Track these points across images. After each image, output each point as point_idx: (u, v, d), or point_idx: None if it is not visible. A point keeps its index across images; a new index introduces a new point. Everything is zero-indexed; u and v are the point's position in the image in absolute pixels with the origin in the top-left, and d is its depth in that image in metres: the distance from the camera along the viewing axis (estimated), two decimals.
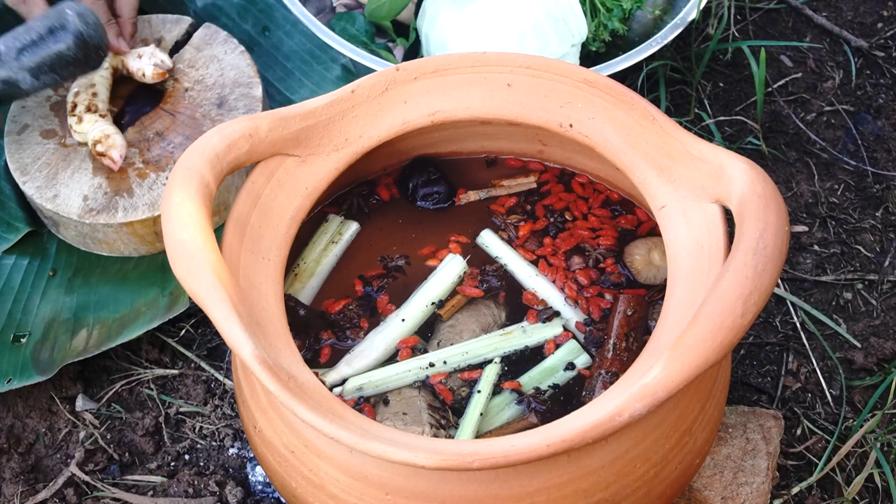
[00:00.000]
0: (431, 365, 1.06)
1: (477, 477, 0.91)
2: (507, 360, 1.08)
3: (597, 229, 1.17)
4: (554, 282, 1.13)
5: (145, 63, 1.42)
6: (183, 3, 1.59)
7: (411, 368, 1.06)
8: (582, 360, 1.07)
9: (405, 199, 1.21)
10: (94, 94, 1.39)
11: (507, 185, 1.21)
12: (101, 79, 1.41)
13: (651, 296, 1.11)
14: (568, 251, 1.15)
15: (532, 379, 1.06)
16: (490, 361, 1.07)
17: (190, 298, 1.30)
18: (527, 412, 1.04)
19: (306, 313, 1.10)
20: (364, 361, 1.07)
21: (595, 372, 1.06)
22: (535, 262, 1.15)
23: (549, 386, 1.06)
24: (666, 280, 0.99)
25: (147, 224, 1.35)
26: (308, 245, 1.16)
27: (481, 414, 1.03)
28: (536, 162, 1.22)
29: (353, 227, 1.18)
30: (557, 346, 1.08)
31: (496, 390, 1.06)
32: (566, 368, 1.07)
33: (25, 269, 1.41)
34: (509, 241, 1.16)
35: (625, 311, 1.08)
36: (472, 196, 1.21)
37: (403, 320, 1.10)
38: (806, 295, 1.42)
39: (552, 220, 1.18)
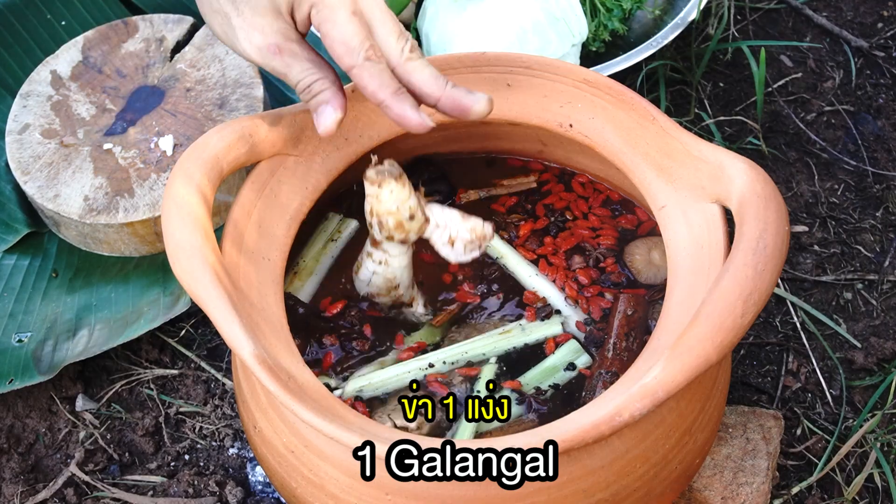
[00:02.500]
0: (431, 366, 1.06)
1: None
2: (507, 359, 1.08)
3: (597, 229, 1.17)
4: (554, 281, 1.13)
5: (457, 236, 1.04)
6: None
7: (411, 369, 1.06)
8: (582, 359, 1.07)
9: None
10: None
11: (507, 184, 1.21)
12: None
13: (651, 296, 1.11)
14: (568, 251, 1.15)
15: (532, 379, 1.06)
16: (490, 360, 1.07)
17: (191, 298, 1.30)
18: (527, 412, 1.04)
19: (305, 311, 1.10)
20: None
21: (595, 372, 1.05)
22: (535, 262, 1.15)
23: (549, 386, 1.06)
24: (666, 280, 0.99)
25: (148, 224, 1.35)
26: (307, 243, 1.16)
27: None
28: (536, 162, 1.22)
29: (352, 225, 1.18)
30: (557, 346, 1.08)
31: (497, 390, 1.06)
32: (567, 368, 1.07)
33: (26, 270, 1.41)
34: (510, 241, 1.16)
35: (625, 310, 1.08)
36: (473, 195, 1.21)
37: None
38: (806, 295, 1.41)
39: (552, 219, 1.18)
